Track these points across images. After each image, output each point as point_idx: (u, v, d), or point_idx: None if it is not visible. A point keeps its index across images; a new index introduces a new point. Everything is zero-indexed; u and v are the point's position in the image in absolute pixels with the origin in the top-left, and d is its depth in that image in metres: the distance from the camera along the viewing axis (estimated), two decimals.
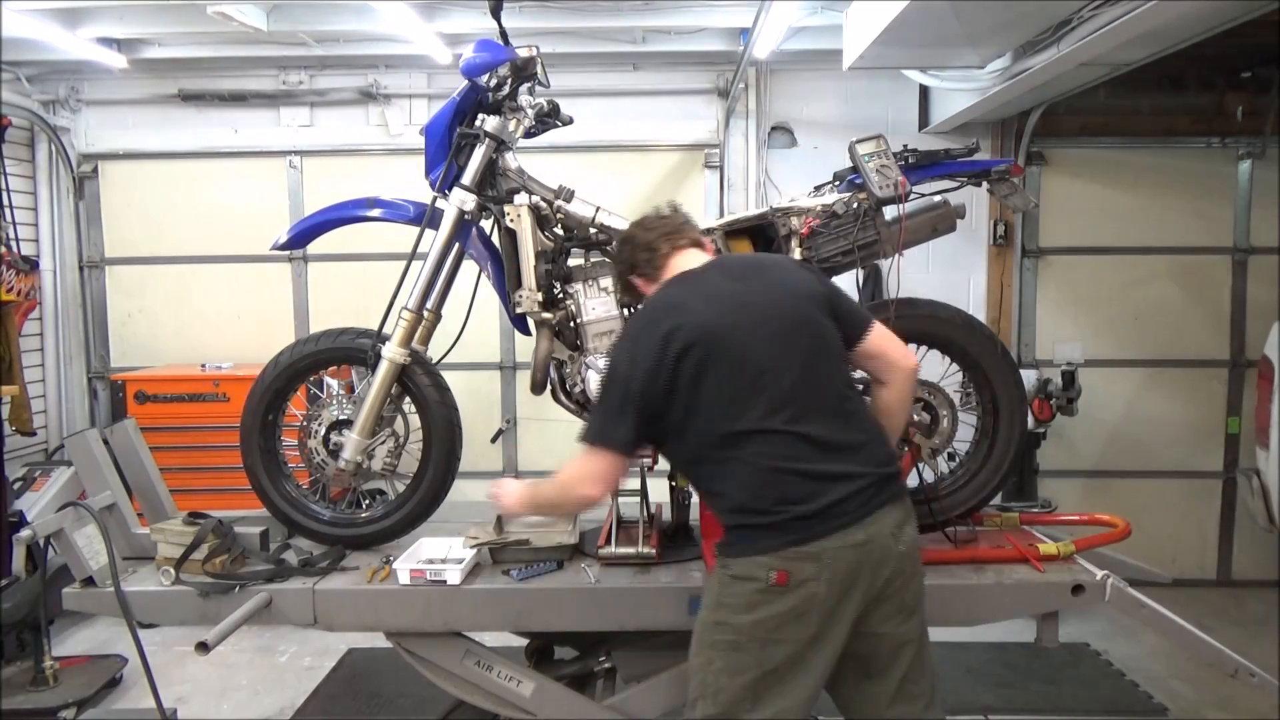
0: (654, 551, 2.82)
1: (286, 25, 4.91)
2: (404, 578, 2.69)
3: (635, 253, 2.44)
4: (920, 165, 2.86)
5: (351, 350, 2.96)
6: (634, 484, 2.90)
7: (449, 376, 3.02)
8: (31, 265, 5.42)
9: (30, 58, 5.33)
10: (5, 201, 5.30)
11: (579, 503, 2.31)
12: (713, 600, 2.20)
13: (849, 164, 2.87)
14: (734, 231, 2.93)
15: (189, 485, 4.38)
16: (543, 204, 2.88)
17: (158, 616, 2.85)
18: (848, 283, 3.09)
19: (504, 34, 2.83)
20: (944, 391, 2.96)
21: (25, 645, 4.24)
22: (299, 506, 3.00)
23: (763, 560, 2.09)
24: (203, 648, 2.40)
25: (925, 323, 2.89)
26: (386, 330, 2.89)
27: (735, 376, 2.12)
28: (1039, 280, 5.69)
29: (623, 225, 2.90)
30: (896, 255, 2.86)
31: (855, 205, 2.82)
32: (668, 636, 2.78)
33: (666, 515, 3.08)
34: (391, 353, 2.84)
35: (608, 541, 2.84)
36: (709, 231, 2.90)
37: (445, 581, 2.67)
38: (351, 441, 2.88)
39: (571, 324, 2.88)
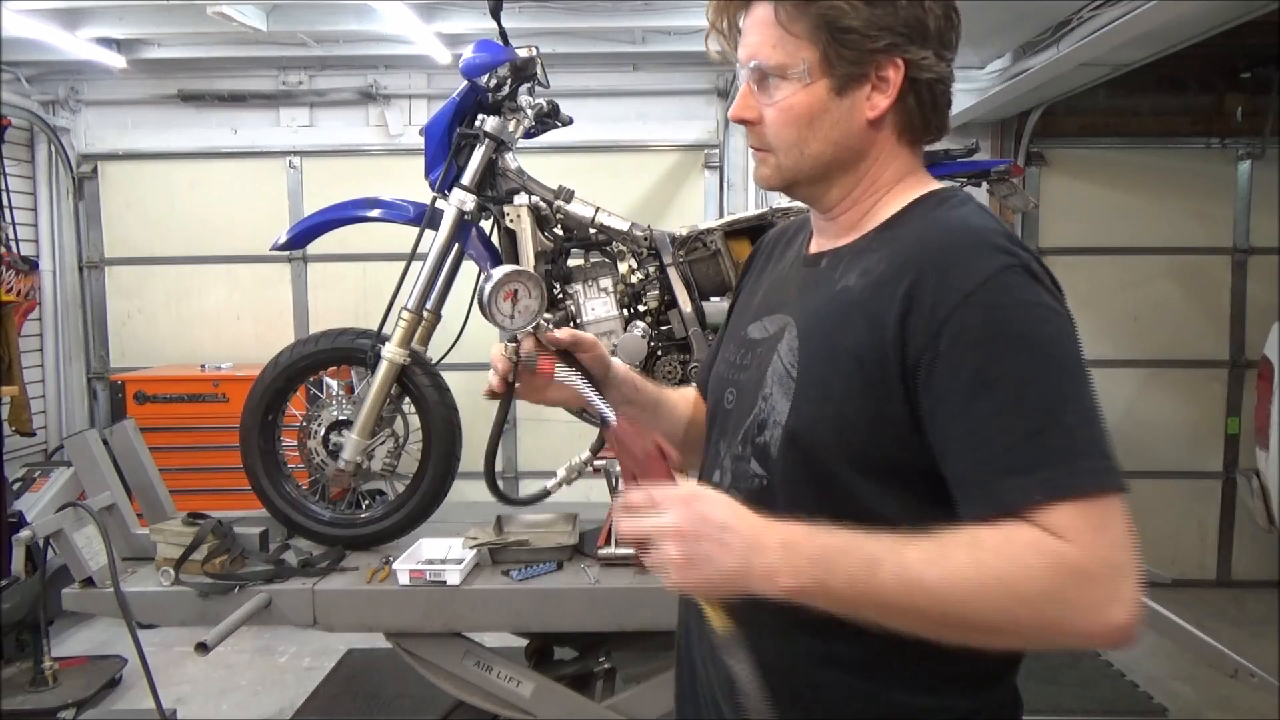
0: None
1: (286, 26, 4.91)
2: (404, 578, 2.69)
3: (945, 33, 1.18)
4: None
5: (351, 350, 2.95)
6: None
7: (449, 376, 3.02)
8: (31, 266, 5.42)
9: (30, 58, 5.32)
10: (5, 202, 5.29)
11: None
12: None
13: None
14: (734, 232, 2.92)
15: (189, 485, 4.38)
16: (542, 204, 2.88)
17: (157, 617, 2.84)
18: None
19: (504, 34, 2.83)
20: None
21: (25, 646, 4.23)
22: (298, 507, 2.99)
23: None
24: (202, 648, 2.40)
25: None
26: (386, 330, 2.89)
27: None
28: None
29: (623, 225, 2.91)
30: None
31: None
32: (668, 636, 2.78)
33: None
34: (391, 353, 2.83)
35: (607, 541, 2.84)
36: (708, 232, 2.91)
37: (445, 582, 2.67)
38: (351, 442, 2.87)
39: (571, 324, 2.88)
